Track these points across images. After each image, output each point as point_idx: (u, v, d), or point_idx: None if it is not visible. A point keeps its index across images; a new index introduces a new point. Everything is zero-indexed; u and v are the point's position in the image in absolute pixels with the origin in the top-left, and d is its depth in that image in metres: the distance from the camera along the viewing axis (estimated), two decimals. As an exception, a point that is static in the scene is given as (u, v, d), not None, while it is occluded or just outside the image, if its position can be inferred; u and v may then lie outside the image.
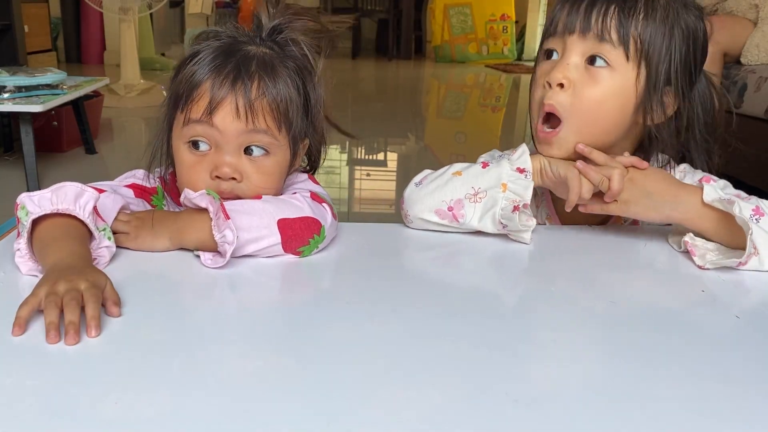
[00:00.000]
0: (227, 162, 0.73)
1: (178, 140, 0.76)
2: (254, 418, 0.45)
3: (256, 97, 0.72)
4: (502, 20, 7.20)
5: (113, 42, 5.48)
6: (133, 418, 0.44)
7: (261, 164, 0.75)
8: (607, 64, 0.78)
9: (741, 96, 2.10)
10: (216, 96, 0.71)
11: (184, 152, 0.75)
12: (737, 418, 0.47)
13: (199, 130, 0.73)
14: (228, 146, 0.73)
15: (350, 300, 0.65)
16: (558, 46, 0.81)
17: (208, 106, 0.71)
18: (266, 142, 0.74)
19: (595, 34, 0.77)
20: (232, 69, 0.72)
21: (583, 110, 0.79)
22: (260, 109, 0.72)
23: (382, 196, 2.65)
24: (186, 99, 0.73)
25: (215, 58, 0.73)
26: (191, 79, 0.73)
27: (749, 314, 0.63)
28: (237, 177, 0.74)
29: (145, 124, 3.73)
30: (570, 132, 0.80)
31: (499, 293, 0.68)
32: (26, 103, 2.21)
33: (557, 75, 0.78)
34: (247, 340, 0.56)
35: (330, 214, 0.77)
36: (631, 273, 0.77)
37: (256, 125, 0.72)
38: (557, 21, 0.80)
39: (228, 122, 0.72)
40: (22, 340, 0.54)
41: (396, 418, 0.45)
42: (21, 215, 0.67)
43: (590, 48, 0.78)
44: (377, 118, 4.18)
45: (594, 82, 0.78)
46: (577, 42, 0.79)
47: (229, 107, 0.72)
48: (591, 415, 0.46)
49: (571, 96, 0.79)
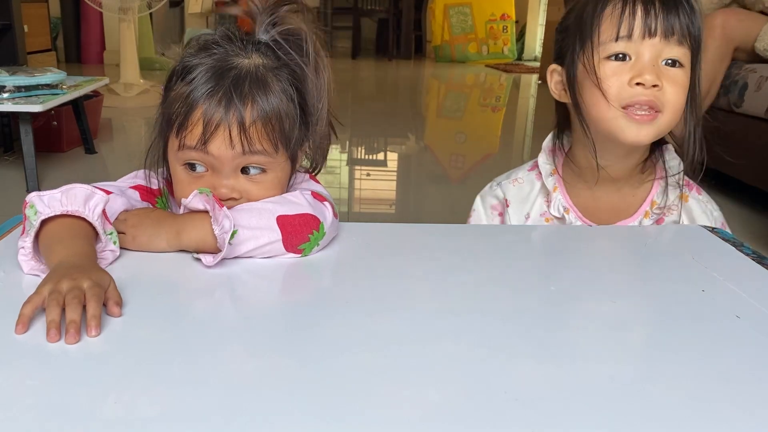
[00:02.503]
0: (225, 184, 0.74)
1: (174, 159, 0.75)
2: (254, 417, 0.45)
3: (250, 124, 0.71)
4: (502, 20, 7.20)
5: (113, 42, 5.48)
6: (132, 417, 0.44)
7: (259, 181, 0.75)
8: (682, 66, 0.87)
9: (741, 95, 2.10)
10: (210, 125, 0.70)
11: (180, 172, 0.75)
12: (737, 417, 0.47)
13: (194, 155, 0.73)
14: (225, 170, 0.73)
15: (350, 300, 0.65)
16: (632, 48, 0.86)
17: (201, 135, 0.71)
18: (263, 162, 0.74)
19: (677, 40, 0.85)
20: (224, 94, 0.71)
21: (672, 109, 0.87)
22: (255, 134, 0.72)
23: (382, 196, 2.65)
24: (180, 126, 0.72)
25: (208, 81, 0.72)
26: (185, 101, 0.72)
27: (750, 314, 0.63)
28: (236, 196, 0.74)
29: (145, 124, 3.73)
30: (663, 122, 0.87)
31: (498, 293, 0.68)
32: (26, 103, 2.21)
33: (649, 77, 0.84)
34: (247, 339, 0.56)
35: (330, 212, 0.77)
36: (632, 273, 0.77)
37: (252, 149, 0.72)
38: (633, 24, 0.84)
39: (223, 150, 0.71)
40: (22, 340, 0.54)
41: (395, 417, 0.45)
42: (29, 213, 0.67)
43: (669, 50, 0.85)
44: (377, 118, 4.18)
45: (672, 80, 0.86)
46: (658, 45, 0.85)
47: (223, 135, 0.71)
48: (590, 415, 0.46)
49: (663, 92, 0.85)
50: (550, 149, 1.00)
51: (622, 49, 0.86)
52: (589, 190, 0.96)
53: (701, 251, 0.81)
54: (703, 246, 0.83)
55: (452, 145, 3.55)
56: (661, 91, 0.85)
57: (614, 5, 0.85)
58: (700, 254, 0.80)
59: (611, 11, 0.85)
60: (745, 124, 2.10)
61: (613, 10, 0.85)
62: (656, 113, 0.86)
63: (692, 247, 0.83)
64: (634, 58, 0.85)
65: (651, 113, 0.86)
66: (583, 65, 0.88)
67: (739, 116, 2.13)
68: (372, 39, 8.09)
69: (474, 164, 3.11)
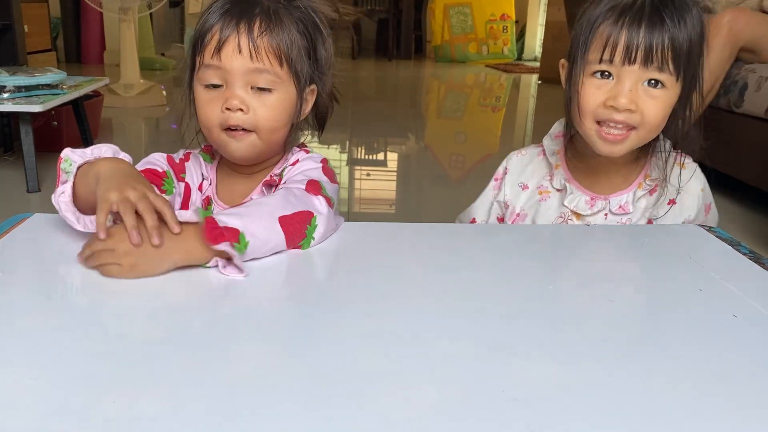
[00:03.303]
0: (236, 95, 0.81)
1: (197, 84, 0.84)
2: (253, 416, 0.45)
3: (258, 35, 0.80)
4: (502, 20, 7.20)
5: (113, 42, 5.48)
6: (131, 417, 0.44)
7: (266, 99, 0.82)
8: (663, 86, 0.89)
9: (741, 96, 2.10)
10: (222, 36, 0.80)
11: (200, 92, 0.84)
12: (736, 417, 0.47)
13: (210, 72, 0.81)
14: (236, 83, 0.81)
15: (349, 299, 0.66)
16: (614, 70, 0.89)
17: (216, 45, 0.80)
18: (269, 80, 0.81)
19: (656, 67, 0.87)
20: (236, 12, 0.81)
21: (649, 124, 0.90)
22: (262, 47, 0.80)
23: (382, 196, 2.65)
24: (200, 44, 0.82)
25: (224, 4, 0.82)
26: (204, 25, 0.82)
27: (747, 313, 0.64)
28: (244, 109, 0.81)
29: (145, 123, 3.73)
30: (637, 137, 0.91)
31: (497, 292, 0.68)
32: (26, 103, 2.22)
33: (623, 101, 0.88)
34: (246, 339, 0.56)
35: (324, 205, 0.79)
36: (629, 272, 0.77)
37: (258, 62, 0.80)
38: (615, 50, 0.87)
39: (233, 59, 0.80)
40: (22, 340, 0.54)
41: (394, 416, 0.46)
42: (64, 166, 0.76)
43: (649, 74, 0.88)
44: (377, 118, 4.18)
45: (651, 98, 0.89)
46: (638, 71, 0.87)
47: (233, 44, 0.80)
48: (589, 414, 0.47)
49: (637, 114, 0.89)
50: (556, 134, 1.05)
51: (605, 68, 0.90)
52: (589, 167, 1.01)
53: (699, 251, 0.81)
54: (701, 245, 0.84)
55: (452, 145, 3.55)
56: (635, 113, 0.88)
57: (605, 27, 0.88)
58: (698, 254, 0.80)
59: (602, 31, 0.89)
60: (745, 124, 2.10)
61: (603, 31, 0.89)
62: (630, 130, 0.90)
63: (690, 246, 0.83)
64: (615, 79, 0.89)
65: (624, 132, 0.90)
66: (576, 73, 0.92)
67: (738, 116, 2.13)
68: (372, 39, 8.10)
69: (474, 164, 3.11)
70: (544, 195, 1.03)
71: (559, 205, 1.01)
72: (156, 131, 3.69)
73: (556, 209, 1.01)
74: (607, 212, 0.99)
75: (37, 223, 0.82)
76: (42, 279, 0.68)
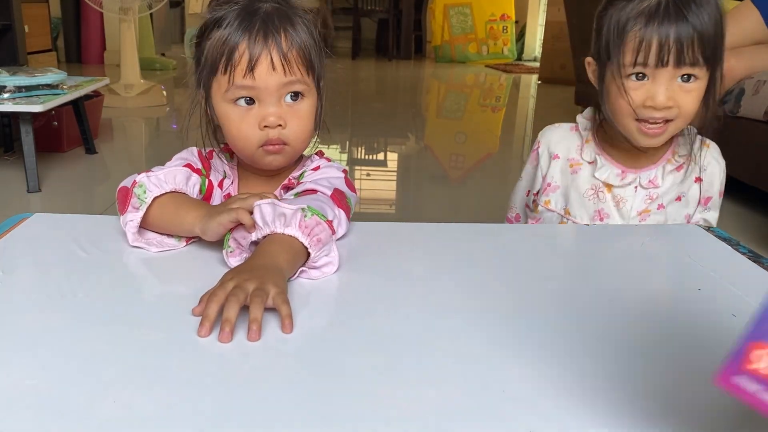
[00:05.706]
0: (272, 112, 0.81)
1: (222, 101, 0.82)
2: (252, 416, 0.45)
3: (288, 49, 0.80)
4: (502, 20, 7.20)
5: (113, 42, 5.48)
6: (131, 417, 0.44)
7: (297, 109, 0.82)
8: (696, 78, 0.94)
9: (738, 101, 2.10)
10: (253, 55, 0.78)
11: (231, 110, 0.82)
12: (734, 417, 0.47)
13: (242, 90, 0.80)
14: (270, 98, 0.80)
15: (349, 298, 0.66)
16: (649, 71, 0.93)
17: (248, 66, 0.79)
18: (300, 88, 0.82)
19: (688, 64, 0.92)
20: (260, 27, 0.79)
21: (685, 114, 0.96)
22: (293, 59, 0.80)
23: (382, 196, 2.65)
24: (227, 63, 0.79)
25: (242, 21, 0.79)
26: (226, 43, 0.79)
27: (746, 313, 0.64)
28: (282, 124, 0.81)
29: (145, 124, 3.74)
30: (675, 127, 0.97)
31: (497, 292, 0.68)
32: (26, 103, 2.22)
33: (662, 100, 0.93)
34: (245, 338, 0.56)
35: (344, 219, 0.80)
36: (629, 272, 0.77)
37: (291, 71, 0.80)
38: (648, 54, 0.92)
39: (267, 76, 0.79)
40: (22, 340, 0.54)
41: (394, 415, 0.46)
42: (138, 192, 0.77)
43: (682, 71, 0.93)
44: (377, 118, 4.19)
45: (687, 92, 0.94)
46: (671, 70, 0.92)
47: (266, 62, 0.79)
48: (589, 414, 0.47)
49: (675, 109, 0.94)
50: (588, 117, 1.10)
51: (640, 71, 0.94)
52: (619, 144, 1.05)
53: (698, 250, 0.81)
54: (700, 245, 0.84)
55: (452, 145, 3.55)
56: (673, 108, 0.93)
57: (635, 32, 0.92)
58: (697, 253, 0.80)
59: (632, 36, 0.93)
60: (744, 126, 2.10)
61: (634, 36, 0.92)
62: (668, 122, 0.96)
63: (689, 246, 0.83)
64: (650, 79, 0.94)
65: (662, 125, 0.96)
66: (611, 74, 0.97)
67: (737, 120, 2.13)
68: (372, 39, 8.09)
69: (474, 164, 3.11)
70: (576, 167, 1.07)
71: (590, 177, 1.05)
72: (156, 131, 3.69)
73: (588, 180, 1.05)
74: (638, 185, 1.03)
75: (37, 223, 0.82)
76: (42, 279, 0.68)
